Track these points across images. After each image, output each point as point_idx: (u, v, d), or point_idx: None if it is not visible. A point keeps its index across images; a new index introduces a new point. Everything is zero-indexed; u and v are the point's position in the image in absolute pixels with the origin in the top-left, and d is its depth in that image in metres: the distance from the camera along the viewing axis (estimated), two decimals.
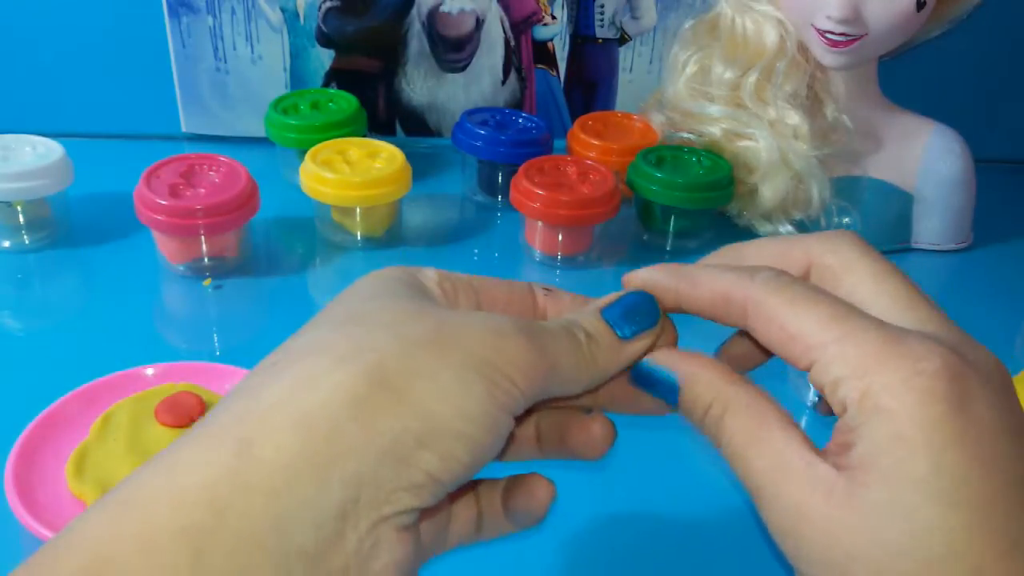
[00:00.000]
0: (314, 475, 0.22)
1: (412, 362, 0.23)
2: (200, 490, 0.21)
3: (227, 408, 0.23)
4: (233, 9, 0.68)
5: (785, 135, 0.60)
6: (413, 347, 0.24)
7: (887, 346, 0.24)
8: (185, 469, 0.22)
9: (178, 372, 0.45)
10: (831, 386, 0.24)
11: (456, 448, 0.23)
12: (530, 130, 0.67)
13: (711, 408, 0.27)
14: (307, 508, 0.22)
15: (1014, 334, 0.57)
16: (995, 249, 0.67)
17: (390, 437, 0.22)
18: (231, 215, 0.55)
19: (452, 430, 0.23)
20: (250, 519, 0.21)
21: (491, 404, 0.24)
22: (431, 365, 0.24)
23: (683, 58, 0.64)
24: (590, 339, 0.27)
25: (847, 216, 0.63)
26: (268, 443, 0.22)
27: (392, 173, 0.58)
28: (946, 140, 0.64)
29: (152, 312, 0.55)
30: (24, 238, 0.58)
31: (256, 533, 0.21)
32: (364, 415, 0.22)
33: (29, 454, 0.40)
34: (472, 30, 0.71)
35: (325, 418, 0.22)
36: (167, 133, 0.73)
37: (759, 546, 0.40)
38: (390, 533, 0.23)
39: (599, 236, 0.61)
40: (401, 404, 0.23)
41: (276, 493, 0.21)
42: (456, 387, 0.23)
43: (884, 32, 0.58)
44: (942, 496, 0.22)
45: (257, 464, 0.22)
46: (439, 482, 0.23)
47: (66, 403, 0.43)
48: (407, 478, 0.23)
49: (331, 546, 0.22)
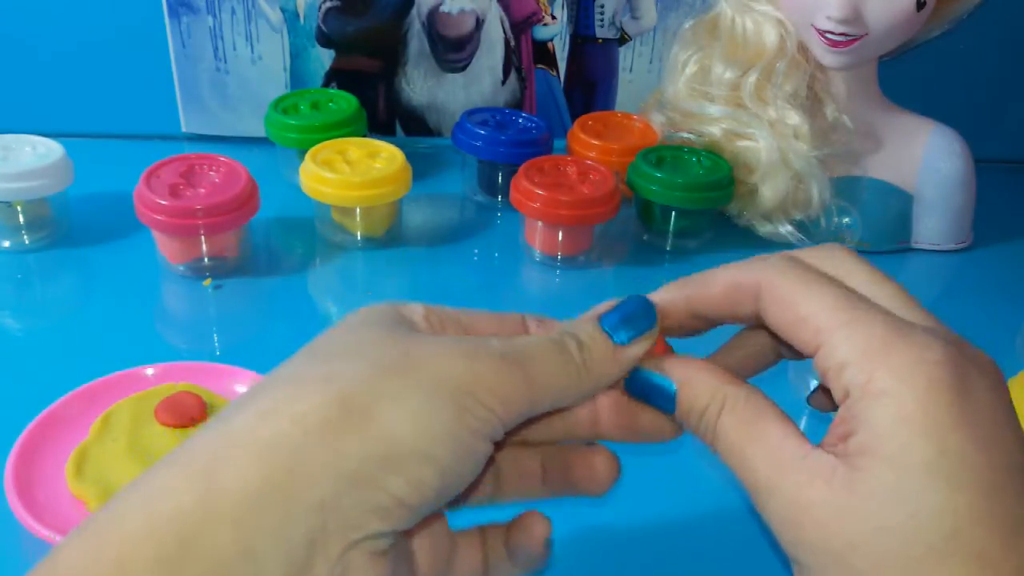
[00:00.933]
0: (278, 504, 0.22)
1: (378, 386, 0.23)
2: (170, 520, 0.21)
3: (200, 436, 0.24)
4: (233, 9, 0.68)
5: (785, 135, 0.60)
6: (379, 371, 0.24)
7: (894, 334, 0.24)
8: (159, 497, 0.22)
9: (178, 372, 0.45)
10: (836, 370, 0.25)
11: (424, 472, 0.23)
12: (530, 130, 0.67)
13: (708, 409, 0.27)
14: (274, 537, 0.22)
15: (1014, 334, 0.57)
16: (995, 249, 0.67)
17: (355, 461, 0.22)
18: (231, 215, 0.55)
19: (418, 453, 0.23)
20: (218, 548, 0.21)
21: (460, 428, 0.24)
22: (397, 389, 0.23)
23: (683, 58, 0.64)
24: (582, 347, 0.27)
25: (847, 216, 0.63)
26: (231, 473, 0.22)
27: (392, 173, 0.58)
28: (946, 140, 0.64)
29: (152, 312, 0.55)
30: (24, 238, 0.58)
31: (225, 563, 0.21)
32: (327, 440, 0.22)
33: (29, 454, 0.40)
34: (472, 30, 0.71)
35: (286, 446, 0.22)
36: (167, 133, 0.73)
37: (756, 549, 0.40)
38: (361, 559, 0.23)
39: (599, 236, 0.61)
40: (365, 428, 0.23)
41: (242, 523, 0.21)
42: (423, 410, 0.23)
43: (884, 32, 0.58)
44: (948, 479, 0.22)
45: (222, 494, 0.22)
46: (407, 506, 0.23)
47: (66, 403, 0.42)
48: (374, 502, 0.23)
49: (301, 573, 0.22)
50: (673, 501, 0.43)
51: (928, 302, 0.27)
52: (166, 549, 0.21)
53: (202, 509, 0.22)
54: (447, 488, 0.24)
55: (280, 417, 0.23)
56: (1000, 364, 0.25)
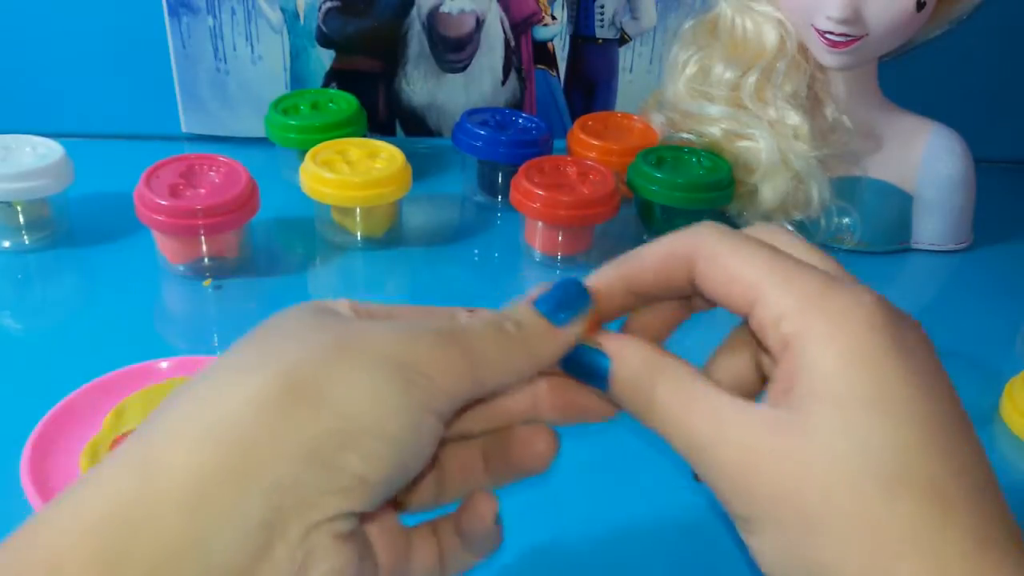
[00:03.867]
0: (229, 486, 0.21)
1: (322, 365, 0.23)
2: (109, 513, 0.21)
3: (137, 432, 0.23)
4: (233, 9, 0.68)
5: (785, 135, 0.60)
6: (321, 351, 0.23)
7: (825, 284, 0.25)
8: (93, 494, 0.21)
9: (191, 365, 0.46)
10: (773, 322, 0.25)
11: (379, 448, 0.23)
12: (530, 130, 0.67)
13: (641, 379, 0.27)
14: (226, 520, 0.21)
15: (1014, 334, 0.57)
16: (995, 249, 0.67)
17: (309, 440, 0.22)
18: (231, 215, 0.55)
19: (373, 429, 0.23)
20: (165, 537, 0.20)
21: (409, 401, 0.23)
22: (341, 368, 0.23)
23: (683, 58, 0.64)
24: (520, 326, 0.27)
25: (847, 216, 0.63)
26: (175, 458, 0.21)
27: (392, 173, 0.58)
28: (946, 140, 0.64)
29: (152, 312, 0.55)
30: (24, 238, 0.58)
31: (174, 551, 0.20)
32: (277, 421, 0.22)
33: (44, 447, 0.40)
34: (472, 30, 0.71)
35: (234, 427, 0.22)
36: (167, 133, 0.73)
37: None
38: (325, 540, 0.22)
39: (599, 236, 0.61)
40: (317, 407, 0.22)
41: (190, 508, 0.21)
42: (370, 385, 0.23)
43: (884, 32, 0.58)
44: (892, 414, 0.23)
45: (166, 481, 0.21)
46: (368, 483, 0.23)
47: (79, 396, 0.43)
48: (334, 482, 0.22)
49: (259, 559, 0.21)
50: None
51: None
52: (104, 543, 0.20)
53: (143, 497, 0.21)
54: (404, 464, 0.24)
55: (225, 399, 0.22)
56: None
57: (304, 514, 0.22)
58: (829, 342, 0.23)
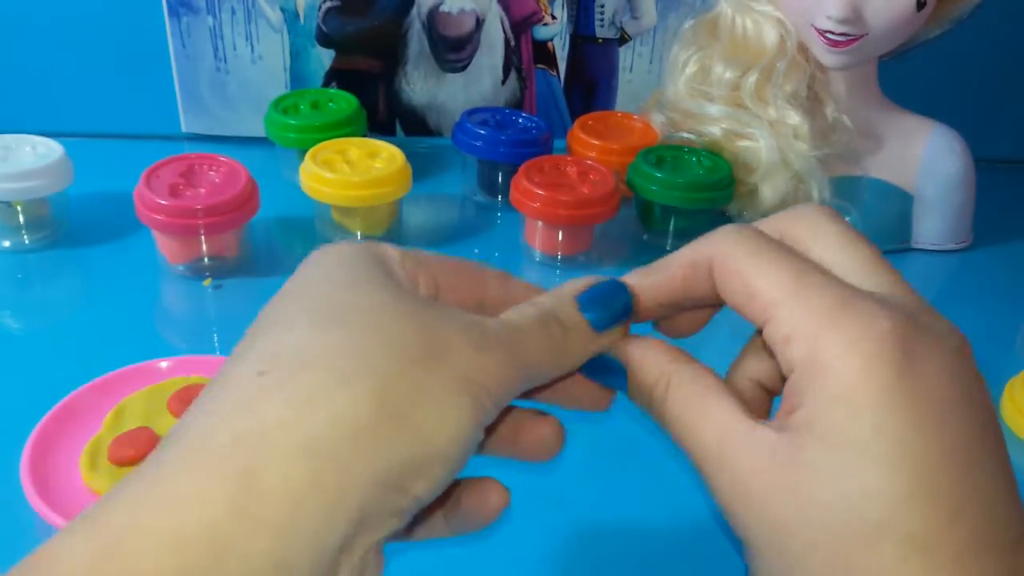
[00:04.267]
0: (321, 509, 0.21)
1: (410, 383, 0.22)
2: (200, 528, 0.20)
3: (219, 424, 0.21)
4: (233, 9, 0.68)
5: (785, 135, 0.60)
6: (409, 363, 0.23)
7: (841, 305, 0.24)
8: (184, 503, 0.20)
9: (191, 365, 0.45)
10: (782, 343, 0.24)
11: (442, 472, 0.23)
12: (530, 130, 0.67)
13: (656, 386, 0.26)
14: (312, 544, 0.20)
15: (1014, 334, 0.57)
16: (995, 249, 0.67)
17: (392, 466, 0.22)
18: (231, 215, 0.55)
19: (443, 454, 0.23)
20: (254, 559, 0.20)
21: (475, 424, 0.23)
22: (427, 386, 0.23)
23: (683, 58, 0.64)
24: (565, 331, 0.26)
25: (847, 216, 0.63)
26: (274, 473, 0.20)
27: (392, 173, 0.58)
28: (946, 140, 0.64)
29: (152, 312, 0.55)
30: (24, 238, 0.58)
31: (256, 572, 0.20)
32: (368, 444, 0.21)
33: (44, 447, 0.40)
34: (472, 30, 0.71)
35: (331, 447, 0.21)
36: (167, 133, 0.73)
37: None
38: (374, 556, 0.22)
39: (599, 236, 0.61)
40: (404, 431, 0.22)
41: (282, 531, 0.20)
42: (451, 412, 0.23)
43: (884, 32, 0.58)
44: (883, 460, 0.22)
45: (262, 498, 0.20)
46: (421, 502, 0.23)
47: (80, 396, 0.43)
48: (400, 504, 0.22)
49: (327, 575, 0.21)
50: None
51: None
52: (191, 560, 0.19)
53: (240, 515, 0.20)
54: (451, 480, 0.24)
55: (318, 413, 0.21)
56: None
57: (369, 535, 0.22)
58: (828, 377, 0.23)
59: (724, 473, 0.24)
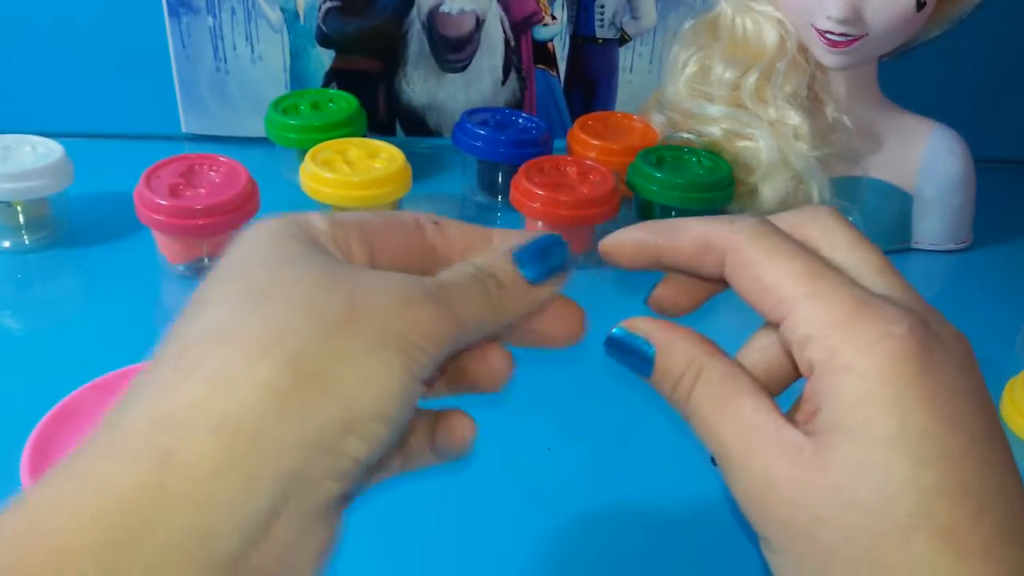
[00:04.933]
0: (242, 480, 0.21)
1: (331, 345, 0.22)
2: (121, 504, 0.20)
3: (140, 410, 0.22)
4: (233, 9, 0.68)
5: (785, 135, 0.60)
6: (327, 328, 0.23)
7: (858, 307, 0.24)
8: (105, 482, 0.21)
9: None
10: (800, 344, 0.24)
11: (379, 429, 0.23)
12: (530, 130, 0.67)
13: (683, 378, 0.26)
14: (235, 513, 0.21)
15: (1014, 334, 0.57)
16: (995, 249, 0.67)
17: (317, 430, 0.22)
18: (231, 215, 0.55)
19: (375, 412, 0.23)
20: (174, 532, 0.20)
21: (408, 379, 0.23)
22: (350, 346, 0.23)
23: (683, 58, 0.64)
24: (501, 287, 0.26)
25: (848, 216, 0.63)
26: (190, 450, 0.21)
27: (392, 173, 0.58)
28: (946, 140, 0.64)
29: (152, 312, 0.55)
30: (24, 238, 0.58)
31: (181, 545, 0.20)
32: (289, 411, 0.22)
33: (44, 447, 0.40)
34: (472, 30, 0.71)
35: (248, 419, 0.21)
36: (167, 133, 0.73)
37: None
38: (317, 520, 0.22)
39: (599, 236, 0.61)
40: (325, 394, 0.22)
41: (203, 502, 0.20)
42: (376, 369, 0.23)
43: (884, 32, 0.58)
44: (912, 455, 0.22)
45: (180, 474, 0.21)
46: (363, 464, 0.23)
47: (79, 396, 0.43)
48: (335, 466, 0.22)
49: (257, 546, 0.21)
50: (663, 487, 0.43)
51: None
52: (115, 535, 0.20)
53: (159, 492, 0.20)
54: (394, 438, 0.24)
55: (234, 387, 0.22)
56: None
57: (304, 499, 0.22)
58: (851, 377, 0.23)
59: (746, 471, 0.24)
